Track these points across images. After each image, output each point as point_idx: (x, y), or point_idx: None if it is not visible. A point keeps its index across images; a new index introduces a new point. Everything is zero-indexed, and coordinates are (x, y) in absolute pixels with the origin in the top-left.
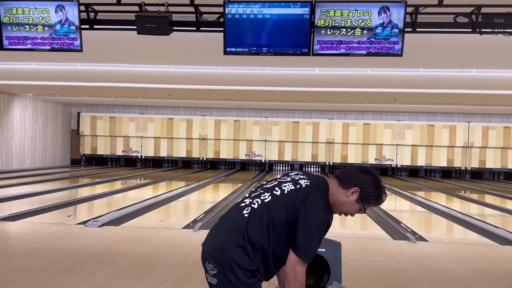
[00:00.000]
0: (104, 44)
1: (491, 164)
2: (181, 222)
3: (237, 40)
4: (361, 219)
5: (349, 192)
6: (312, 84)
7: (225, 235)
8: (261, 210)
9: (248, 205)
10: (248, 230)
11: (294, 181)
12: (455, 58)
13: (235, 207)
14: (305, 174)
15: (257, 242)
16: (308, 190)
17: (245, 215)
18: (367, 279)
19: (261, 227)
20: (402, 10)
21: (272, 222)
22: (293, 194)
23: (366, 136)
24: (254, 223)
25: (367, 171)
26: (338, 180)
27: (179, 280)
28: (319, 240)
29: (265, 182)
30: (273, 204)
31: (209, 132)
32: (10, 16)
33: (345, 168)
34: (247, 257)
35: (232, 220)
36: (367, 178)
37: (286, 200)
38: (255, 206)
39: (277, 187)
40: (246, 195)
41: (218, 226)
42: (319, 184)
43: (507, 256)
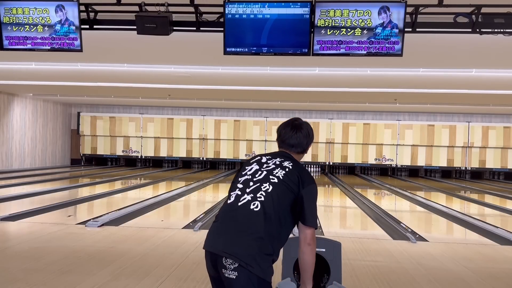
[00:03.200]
0: (104, 44)
1: (491, 164)
2: (181, 222)
3: (237, 40)
4: (361, 219)
5: (303, 155)
6: (312, 84)
7: (241, 232)
8: (271, 200)
9: (252, 199)
10: (265, 223)
11: (281, 166)
12: (455, 58)
13: (235, 206)
14: (278, 157)
15: (274, 231)
16: (296, 169)
17: (255, 209)
18: (367, 279)
19: (275, 216)
20: (402, 10)
21: (281, 209)
22: (288, 178)
23: (366, 136)
24: (268, 215)
25: (300, 127)
26: (295, 149)
27: (179, 280)
28: None
29: (249, 175)
30: (277, 191)
31: (209, 132)
32: (10, 16)
33: (284, 135)
34: (268, 247)
35: (242, 218)
36: (308, 138)
37: (286, 184)
38: (262, 198)
39: (270, 176)
40: (238, 192)
41: (226, 226)
42: (294, 160)
43: (507, 256)
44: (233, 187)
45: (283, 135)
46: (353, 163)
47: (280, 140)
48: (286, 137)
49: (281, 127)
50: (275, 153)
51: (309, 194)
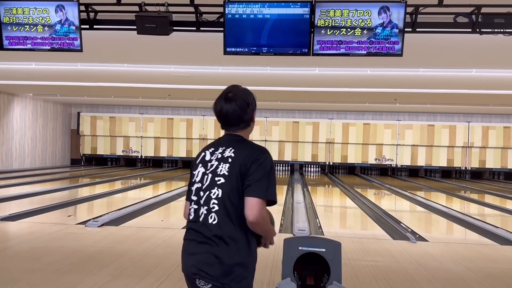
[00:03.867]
0: (104, 44)
1: (491, 164)
2: (181, 222)
3: (237, 40)
4: (361, 219)
5: (251, 127)
6: (312, 84)
7: (208, 251)
8: (224, 207)
9: (208, 212)
10: (227, 234)
11: (223, 160)
12: (455, 58)
13: (198, 222)
14: (220, 146)
15: (238, 237)
16: (239, 154)
17: (213, 223)
18: (367, 279)
19: (235, 221)
20: (402, 10)
21: (238, 209)
22: (233, 170)
23: (366, 136)
24: (227, 224)
25: (233, 99)
26: (237, 127)
27: (179, 280)
28: (275, 178)
29: (198, 182)
30: (228, 193)
31: (209, 132)
32: (10, 16)
33: (219, 113)
34: (237, 257)
35: (205, 234)
36: (247, 108)
37: (234, 180)
38: (216, 207)
39: (216, 178)
40: (194, 206)
41: (194, 245)
42: (238, 143)
43: (507, 256)
44: (190, 199)
45: (218, 114)
46: (353, 163)
47: (218, 120)
48: (221, 115)
49: (214, 104)
50: (219, 140)
51: (256, 167)
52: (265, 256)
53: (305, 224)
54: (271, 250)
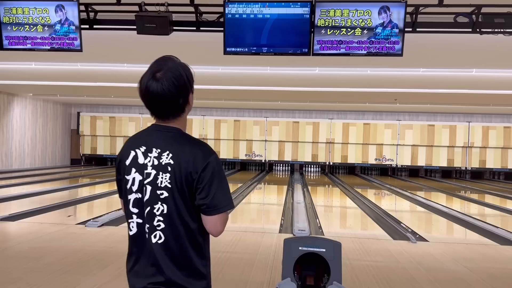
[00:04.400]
0: (104, 44)
1: (491, 164)
2: None
3: (237, 40)
4: (361, 219)
5: (187, 108)
6: (312, 84)
7: (156, 273)
8: (169, 225)
9: (152, 229)
10: (177, 254)
11: (161, 168)
12: (455, 58)
13: (141, 240)
14: (154, 146)
15: (190, 255)
16: (179, 159)
17: (159, 242)
18: (367, 279)
19: (185, 237)
20: (402, 10)
21: (187, 224)
22: (177, 180)
23: (366, 136)
24: (176, 242)
25: (162, 78)
26: (171, 117)
27: None
28: (226, 179)
29: (136, 191)
30: (174, 207)
31: (209, 132)
32: (10, 16)
33: (145, 95)
34: (193, 272)
35: (151, 254)
36: (180, 86)
37: (179, 191)
38: (162, 225)
39: (158, 191)
40: (137, 220)
41: (141, 267)
42: (173, 144)
43: (507, 256)
44: (128, 212)
45: (143, 94)
46: (353, 163)
47: (144, 103)
48: (148, 98)
49: (140, 81)
50: (149, 135)
51: (207, 176)
52: (265, 256)
53: (305, 224)
54: (271, 250)
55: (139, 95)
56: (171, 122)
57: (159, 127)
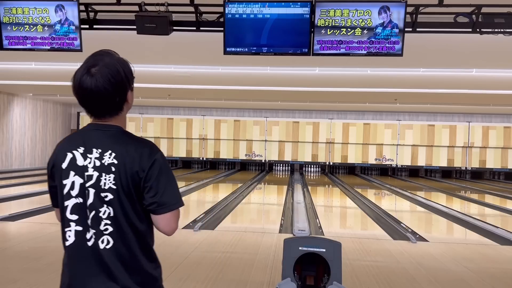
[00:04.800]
0: (104, 44)
1: (491, 164)
2: (181, 222)
3: (237, 40)
4: (361, 219)
5: (126, 107)
6: (312, 84)
7: (101, 277)
8: (117, 227)
9: (98, 235)
10: (127, 260)
11: (104, 169)
12: (455, 58)
13: (84, 250)
14: (94, 147)
15: (138, 258)
16: (123, 159)
17: (107, 248)
18: (367, 279)
19: (134, 241)
20: (402, 10)
21: (134, 225)
22: (122, 181)
23: (366, 136)
24: (124, 246)
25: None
26: (108, 115)
27: (179, 280)
28: (174, 176)
29: (77, 196)
30: (121, 209)
31: (209, 132)
32: (10, 16)
33: (80, 93)
34: (143, 275)
35: (98, 265)
36: (117, 83)
37: (125, 193)
38: (110, 229)
39: (102, 193)
40: (76, 228)
41: (83, 282)
42: (115, 143)
43: (507, 256)
44: (65, 220)
45: (77, 91)
46: (353, 163)
47: (78, 100)
48: (82, 94)
49: (74, 76)
50: (87, 135)
51: (154, 174)
52: (265, 256)
53: (305, 224)
54: (271, 250)
55: (72, 91)
56: (109, 120)
57: (97, 126)
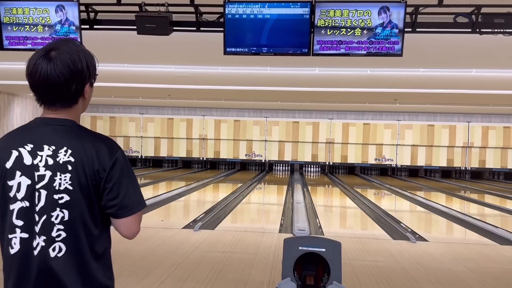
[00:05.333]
0: (104, 44)
1: (491, 164)
2: (181, 222)
3: (237, 40)
4: (361, 219)
5: (82, 102)
6: (312, 84)
7: None
8: (73, 233)
9: (48, 243)
10: (82, 270)
11: (58, 168)
12: (455, 58)
13: (28, 258)
14: (45, 143)
15: (93, 268)
16: (81, 156)
17: (58, 256)
18: (367, 279)
19: (85, 250)
20: (402, 10)
21: (91, 231)
22: (79, 181)
23: (366, 136)
24: (80, 255)
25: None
26: (60, 104)
27: (179, 280)
28: (134, 176)
29: (24, 199)
30: (78, 212)
31: (209, 132)
32: (10, 16)
33: (33, 76)
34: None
35: (46, 276)
36: (77, 71)
37: (83, 194)
38: (64, 234)
39: (55, 195)
40: (22, 235)
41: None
42: (71, 139)
43: (507, 256)
44: (9, 226)
45: (32, 78)
46: (353, 163)
47: (32, 88)
48: (35, 81)
49: (28, 62)
50: (35, 129)
51: (115, 174)
52: (265, 256)
53: (305, 224)
54: (271, 250)
55: (25, 73)
56: (61, 113)
57: (48, 120)
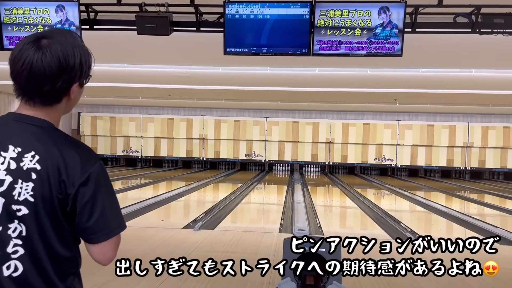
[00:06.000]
0: (104, 44)
1: (490, 164)
2: (181, 222)
3: (237, 40)
4: (361, 219)
5: (66, 101)
6: (312, 84)
7: None
8: (30, 250)
9: (3, 258)
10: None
11: (20, 174)
12: (455, 58)
13: None
14: (11, 143)
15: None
16: (49, 163)
17: (13, 276)
18: (367, 279)
19: (47, 270)
20: (402, 10)
21: (54, 251)
22: (44, 193)
23: (366, 136)
24: (34, 274)
25: (49, 46)
26: (40, 99)
27: (179, 280)
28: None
29: None
30: (38, 226)
31: (209, 132)
32: (10, 16)
33: (17, 63)
34: None
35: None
36: (69, 66)
37: (46, 207)
38: (21, 252)
39: (13, 205)
40: None
41: None
42: (42, 138)
43: (507, 256)
44: None
45: (14, 64)
46: (353, 163)
47: (12, 77)
48: (17, 69)
49: (12, 51)
50: (3, 130)
51: (89, 192)
52: (265, 256)
53: (305, 224)
54: (271, 249)
55: (8, 60)
56: (39, 111)
57: (21, 117)
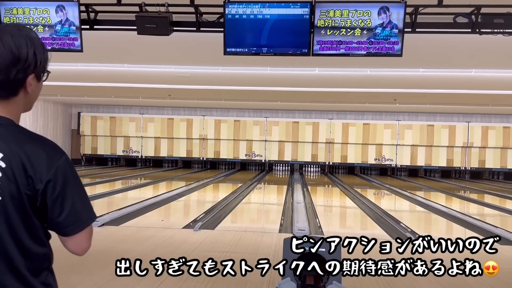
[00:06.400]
0: (104, 44)
1: (490, 164)
2: (181, 222)
3: (237, 40)
4: (361, 219)
5: (23, 94)
6: (312, 84)
7: None
8: (0, 240)
9: None
10: None
11: None
12: (455, 58)
13: None
14: None
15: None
16: (14, 160)
17: None
18: (367, 279)
19: (17, 265)
20: (402, 10)
21: (24, 247)
22: (10, 191)
23: (365, 136)
24: (4, 273)
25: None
26: (1, 94)
27: (179, 280)
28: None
29: None
30: (5, 226)
31: (209, 132)
32: (10, 16)
33: None
34: None
35: None
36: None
37: (14, 205)
38: None
39: None
40: None
41: None
42: (6, 134)
43: (507, 256)
44: None
45: None
46: (352, 163)
47: None
48: None
49: None
50: None
51: (59, 185)
52: (265, 256)
53: (305, 224)
54: (271, 249)
55: None
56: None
57: None
